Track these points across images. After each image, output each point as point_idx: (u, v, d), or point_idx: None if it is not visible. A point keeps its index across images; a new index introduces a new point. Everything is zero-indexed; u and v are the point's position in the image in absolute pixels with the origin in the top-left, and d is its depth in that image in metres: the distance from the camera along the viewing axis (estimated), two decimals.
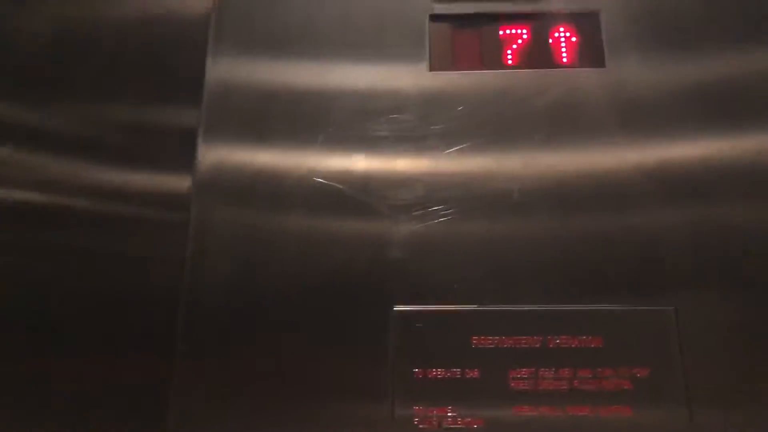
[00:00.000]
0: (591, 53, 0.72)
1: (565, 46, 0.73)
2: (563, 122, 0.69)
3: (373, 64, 0.74)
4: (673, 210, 0.66)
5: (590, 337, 0.61)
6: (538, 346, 0.62)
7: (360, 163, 0.69)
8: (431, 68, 0.73)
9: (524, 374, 0.61)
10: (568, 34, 0.73)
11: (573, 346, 0.61)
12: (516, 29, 0.74)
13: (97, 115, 0.79)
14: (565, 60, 0.72)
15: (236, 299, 0.66)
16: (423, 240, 0.66)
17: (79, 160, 0.76)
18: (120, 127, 0.78)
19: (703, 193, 0.66)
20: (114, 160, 0.75)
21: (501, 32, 0.74)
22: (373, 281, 0.65)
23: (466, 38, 0.74)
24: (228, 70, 0.75)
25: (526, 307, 0.63)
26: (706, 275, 0.64)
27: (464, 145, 0.69)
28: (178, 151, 0.74)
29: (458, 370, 0.61)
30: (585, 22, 0.74)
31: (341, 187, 0.69)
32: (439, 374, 0.61)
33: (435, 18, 0.74)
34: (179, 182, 0.73)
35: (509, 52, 0.73)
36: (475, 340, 0.62)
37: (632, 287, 0.64)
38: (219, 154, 0.71)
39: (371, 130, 0.71)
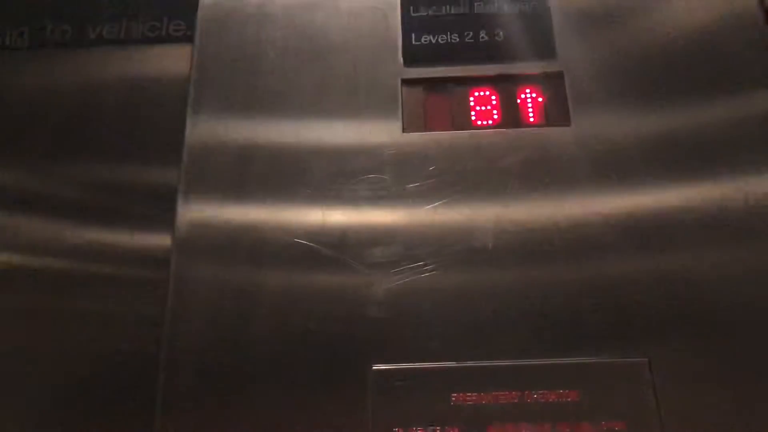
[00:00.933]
0: (556, 112, 0.76)
1: (531, 106, 0.76)
2: (532, 179, 0.72)
3: (348, 125, 0.76)
4: (643, 261, 0.68)
5: (567, 391, 0.62)
6: (516, 401, 0.62)
7: (336, 221, 0.71)
8: (404, 129, 0.75)
9: (504, 430, 0.61)
10: (534, 95, 0.77)
11: (551, 400, 0.62)
12: (484, 91, 0.77)
13: (77, 175, 0.80)
14: (532, 119, 0.76)
15: (214, 358, 0.66)
16: (400, 298, 0.67)
17: (59, 221, 0.77)
18: (100, 187, 0.79)
19: (672, 243, 0.69)
20: (94, 219, 0.76)
21: (470, 94, 0.77)
22: (351, 340, 0.65)
23: (437, 101, 0.77)
24: (207, 130, 0.77)
25: (504, 362, 0.64)
26: (678, 325, 0.65)
27: (438, 203, 0.71)
28: (159, 210, 0.75)
29: (438, 428, 0.62)
30: (550, 83, 0.77)
31: (318, 247, 0.70)
32: None
33: (407, 82, 0.78)
34: (159, 241, 0.73)
35: (479, 113, 0.76)
36: (454, 397, 0.63)
37: (606, 339, 0.65)
38: (198, 213, 0.72)
39: (347, 190, 0.73)
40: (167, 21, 0.99)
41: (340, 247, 0.70)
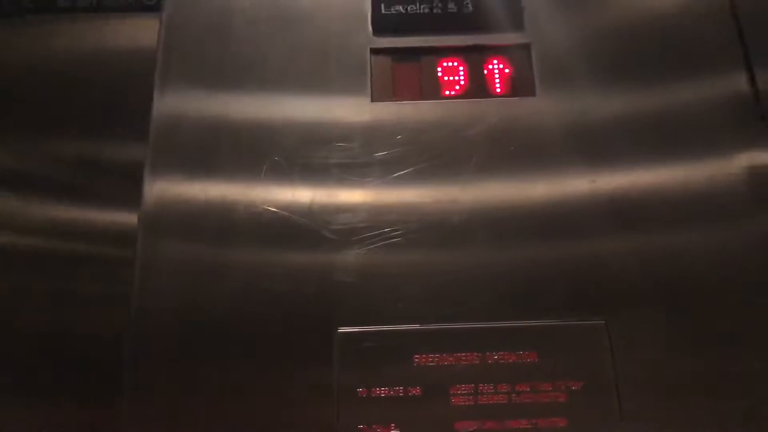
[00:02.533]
0: (522, 83, 0.77)
1: (498, 77, 0.77)
2: (497, 148, 0.73)
3: (317, 95, 0.77)
4: (602, 228, 0.70)
5: (526, 352, 0.64)
6: (477, 362, 0.64)
7: (305, 191, 0.72)
8: (373, 99, 0.76)
9: (465, 390, 0.63)
10: (501, 66, 0.78)
11: (510, 361, 0.64)
12: (452, 62, 0.78)
13: (42, 151, 0.80)
14: (498, 90, 0.77)
15: (183, 332, 0.66)
16: (366, 263, 0.68)
17: (24, 197, 0.77)
18: (66, 163, 0.79)
19: (630, 211, 0.70)
20: (60, 196, 0.76)
21: (438, 64, 0.78)
22: (318, 304, 0.66)
23: (406, 70, 0.78)
24: (175, 103, 0.76)
25: (466, 325, 0.65)
26: (635, 290, 0.67)
27: (405, 171, 0.72)
28: (126, 187, 0.75)
29: (401, 388, 0.63)
30: (517, 55, 0.78)
31: (287, 214, 0.70)
32: (383, 393, 0.63)
33: (376, 51, 0.78)
34: (126, 218, 0.73)
35: (446, 83, 0.77)
36: (417, 358, 0.64)
37: (566, 304, 0.67)
38: (165, 188, 0.72)
39: (316, 159, 0.73)
40: None
41: (308, 215, 0.70)
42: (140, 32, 0.89)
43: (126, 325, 0.67)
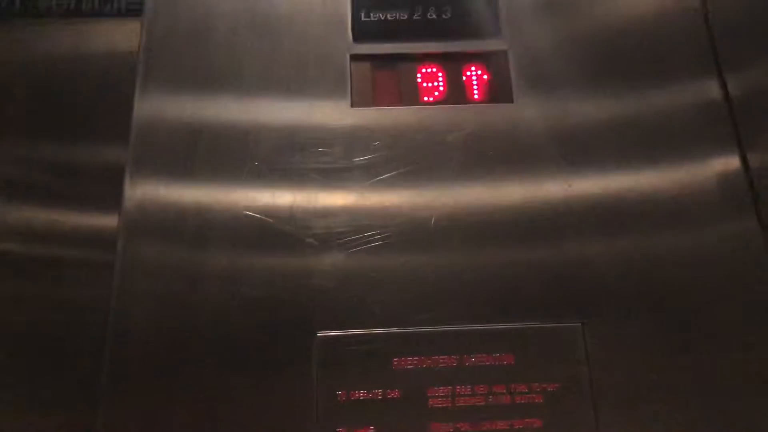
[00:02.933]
0: (500, 89, 0.78)
1: (476, 83, 0.78)
2: (475, 154, 0.74)
3: (297, 100, 0.77)
4: (578, 232, 0.71)
5: (503, 355, 0.65)
6: (455, 365, 0.65)
7: (285, 195, 0.72)
8: (353, 104, 0.76)
9: (442, 392, 0.64)
10: (479, 72, 0.79)
11: (487, 363, 0.65)
12: (431, 68, 0.79)
13: (24, 153, 0.80)
14: (476, 96, 0.78)
15: (163, 335, 0.67)
16: (345, 268, 0.69)
17: (5, 200, 0.77)
18: (45, 166, 0.79)
19: (605, 215, 0.72)
20: (41, 199, 0.76)
21: (417, 71, 0.79)
22: (297, 309, 0.67)
23: (385, 77, 0.79)
24: (155, 107, 0.77)
25: (443, 328, 0.66)
26: (611, 293, 0.69)
27: (384, 176, 0.73)
28: (106, 189, 0.75)
29: (379, 391, 0.64)
30: (495, 61, 0.79)
31: (267, 219, 0.71)
32: (362, 396, 0.64)
33: (355, 57, 0.79)
34: (107, 221, 0.73)
35: (425, 89, 0.78)
36: (395, 361, 0.65)
37: (543, 306, 0.68)
38: (146, 191, 0.72)
39: (296, 164, 0.74)
40: None
41: (288, 220, 0.71)
42: (121, 36, 0.90)
43: (105, 328, 0.67)
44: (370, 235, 0.70)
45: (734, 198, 0.73)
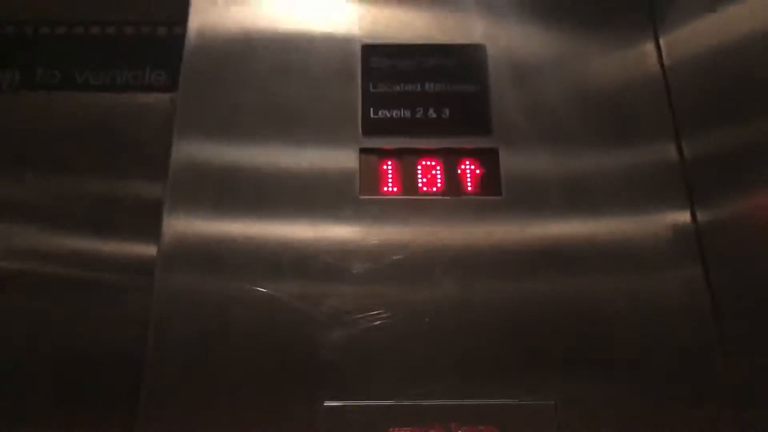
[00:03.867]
0: (490, 183, 0.88)
1: (470, 177, 0.89)
2: (467, 246, 0.84)
3: (311, 185, 0.87)
4: (551, 319, 0.81)
5: (487, 427, 0.74)
6: None
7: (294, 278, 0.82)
8: (360, 192, 0.87)
9: None
10: (472, 167, 0.89)
11: None
12: (430, 161, 0.89)
13: (71, 189, 0.92)
14: (470, 189, 0.88)
15: (194, 362, 0.77)
16: (351, 343, 0.78)
17: (52, 230, 0.88)
18: (89, 201, 0.92)
19: (572, 298, 0.82)
20: (86, 230, 0.88)
21: (418, 163, 0.89)
22: (304, 378, 0.76)
23: (390, 168, 0.89)
24: (192, 148, 0.88)
25: (434, 402, 0.76)
26: (580, 370, 0.78)
27: (387, 263, 0.83)
28: (144, 222, 0.87)
29: None
30: (485, 157, 0.90)
31: (276, 295, 0.80)
32: None
33: (364, 150, 0.89)
34: (145, 250, 0.85)
35: (425, 182, 0.88)
36: (392, 430, 0.74)
37: (522, 382, 0.77)
38: (181, 227, 0.83)
39: (309, 245, 0.84)
40: (149, 71, 1.10)
41: (299, 298, 0.80)
42: (151, 108, 1.02)
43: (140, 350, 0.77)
44: (372, 316, 0.80)
45: (682, 249, 0.84)
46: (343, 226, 0.85)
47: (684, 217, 0.86)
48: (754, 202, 0.77)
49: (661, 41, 0.96)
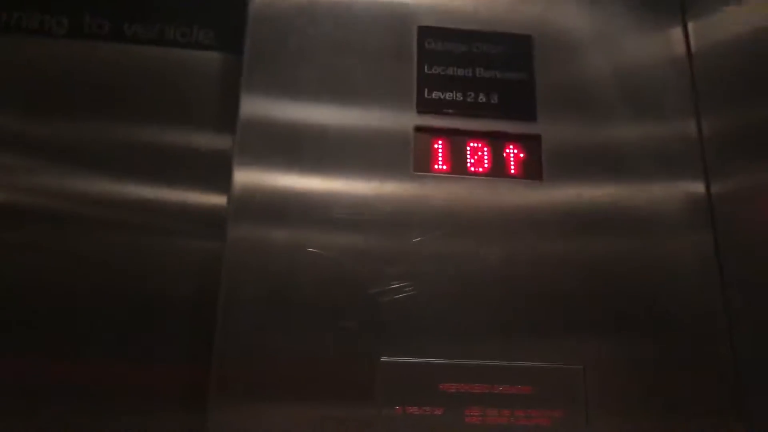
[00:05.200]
0: (533, 168, 0.96)
1: (513, 161, 0.96)
2: (510, 222, 0.92)
3: (365, 171, 0.94)
4: (581, 287, 0.91)
5: (523, 386, 0.84)
6: (486, 391, 0.84)
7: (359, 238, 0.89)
8: (414, 169, 0.94)
9: (476, 412, 0.83)
10: (516, 151, 0.97)
11: (511, 392, 0.84)
12: (478, 143, 0.97)
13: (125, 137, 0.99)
14: (513, 172, 0.96)
15: (263, 309, 0.85)
16: (404, 307, 0.87)
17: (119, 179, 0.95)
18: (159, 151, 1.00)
19: (604, 271, 0.91)
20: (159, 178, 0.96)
21: (467, 144, 0.96)
22: (367, 335, 0.85)
23: (440, 147, 0.96)
24: (258, 107, 0.94)
25: (480, 362, 0.85)
26: (608, 339, 0.88)
27: (439, 233, 0.91)
28: (212, 173, 0.96)
29: (428, 408, 0.82)
30: (529, 142, 0.98)
31: (324, 254, 0.88)
32: (414, 411, 0.82)
33: (418, 128, 0.96)
34: (216, 200, 0.94)
35: (472, 161, 0.96)
36: (441, 386, 0.83)
37: (556, 347, 0.87)
38: (250, 179, 0.90)
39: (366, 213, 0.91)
40: (197, 29, 1.13)
41: (360, 257, 0.88)
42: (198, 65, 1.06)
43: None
44: (421, 282, 0.88)
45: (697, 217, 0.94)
46: (397, 197, 0.92)
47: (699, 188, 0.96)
48: None
49: (689, 26, 1.05)
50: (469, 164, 0.95)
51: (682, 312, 0.90)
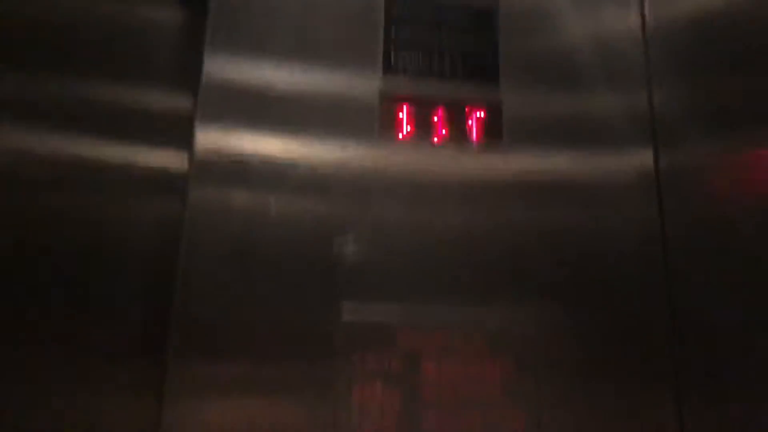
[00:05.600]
0: (493, 134, 0.98)
1: (475, 126, 0.98)
2: (470, 184, 0.95)
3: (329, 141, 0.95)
4: (536, 249, 0.94)
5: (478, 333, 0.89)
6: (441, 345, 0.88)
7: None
8: (379, 133, 0.95)
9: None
10: (478, 115, 0.99)
11: (464, 348, 0.88)
12: (441, 109, 0.98)
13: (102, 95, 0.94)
14: (474, 138, 0.98)
15: (225, 269, 0.87)
16: (362, 269, 0.89)
17: (79, 135, 0.92)
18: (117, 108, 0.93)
19: (558, 231, 0.95)
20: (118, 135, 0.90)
21: (431, 111, 0.98)
22: (328, 284, 0.89)
23: (405, 114, 0.97)
24: (222, 67, 0.94)
25: (434, 306, 0.89)
26: (554, 295, 0.93)
27: (401, 194, 0.93)
28: (175, 131, 0.91)
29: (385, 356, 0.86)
30: (491, 109, 0.99)
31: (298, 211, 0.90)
32: (371, 360, 0.86)
33: (384, 94, 0.97)
34: (176, 158, 0.91)
35: (436, 128, 0.97)
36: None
37: (506, 301, 0.91)
38: (213, 140, 0.91)
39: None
40: None
41: (323, 213, 0.90)
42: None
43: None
44: (387, 236, 0.91)
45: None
46: (359, 162, 0.93)
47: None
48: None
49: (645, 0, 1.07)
50: (432, 131, 0.97)
51: (623, 282, 0.94)
